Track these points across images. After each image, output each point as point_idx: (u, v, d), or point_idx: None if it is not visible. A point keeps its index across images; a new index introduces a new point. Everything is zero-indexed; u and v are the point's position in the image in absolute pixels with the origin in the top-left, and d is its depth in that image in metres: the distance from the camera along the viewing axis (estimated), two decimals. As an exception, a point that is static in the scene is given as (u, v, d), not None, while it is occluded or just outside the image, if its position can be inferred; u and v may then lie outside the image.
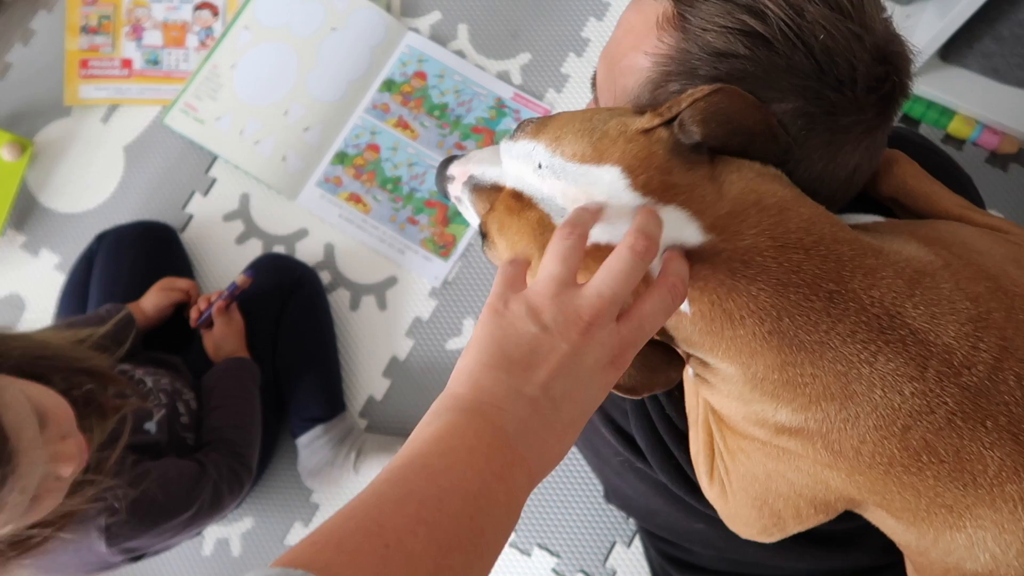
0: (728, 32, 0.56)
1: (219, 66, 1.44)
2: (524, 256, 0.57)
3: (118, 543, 0.86)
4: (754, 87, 0.57)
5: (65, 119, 1.47)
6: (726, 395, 0.60)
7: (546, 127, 0.59)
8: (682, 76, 0.59)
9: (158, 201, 1.43)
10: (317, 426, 1.22)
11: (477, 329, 0.48)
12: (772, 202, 0.55)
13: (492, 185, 0.63)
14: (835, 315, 0.52)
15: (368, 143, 1.41)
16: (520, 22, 1.45)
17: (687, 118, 0.54)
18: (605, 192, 0.53)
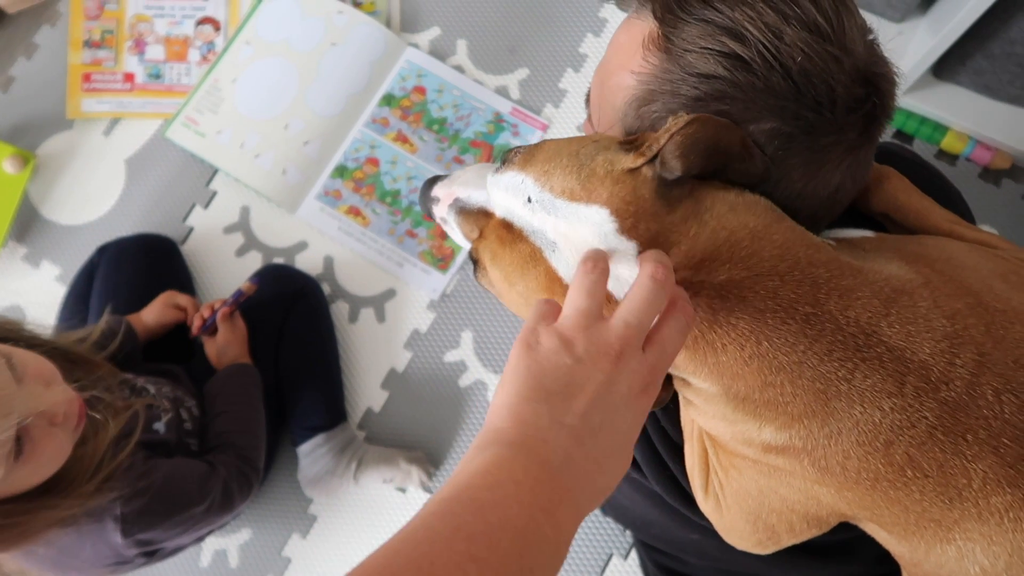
0: (709, 53, 0.58)
1: (220, 80, 1.46)
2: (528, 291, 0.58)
3: (132, 534, 0.86)
4: (733, 107, 0.58)
5: (67, 132, 1.49)
6: (711, 416, 0.61)
7: (533, 159, 0.60)
8: (665, 95, 0.61)
9: (159, 213, 1.44)
10: (318, 435, 1.23)
11: (511, 364, 0.49)
12: (744, 234, 0.56)
13: (479, 209, 0.64)
14: (811, 336, 0.53)
15: (367, 157, 1.43)
16: (518, 38, 1.47)
17: (668, 153, 0.55)
18: (595, 232, 0.55)
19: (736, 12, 0.58)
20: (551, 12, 1.47)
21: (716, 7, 0.59)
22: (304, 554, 1.30)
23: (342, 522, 1.31)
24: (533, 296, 0.58)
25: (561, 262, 0.56)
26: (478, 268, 0.63)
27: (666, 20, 0.61)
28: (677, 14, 0.60)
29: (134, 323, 1.18)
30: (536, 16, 1.47)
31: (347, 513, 1.31)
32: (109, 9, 1.51)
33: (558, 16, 1.47)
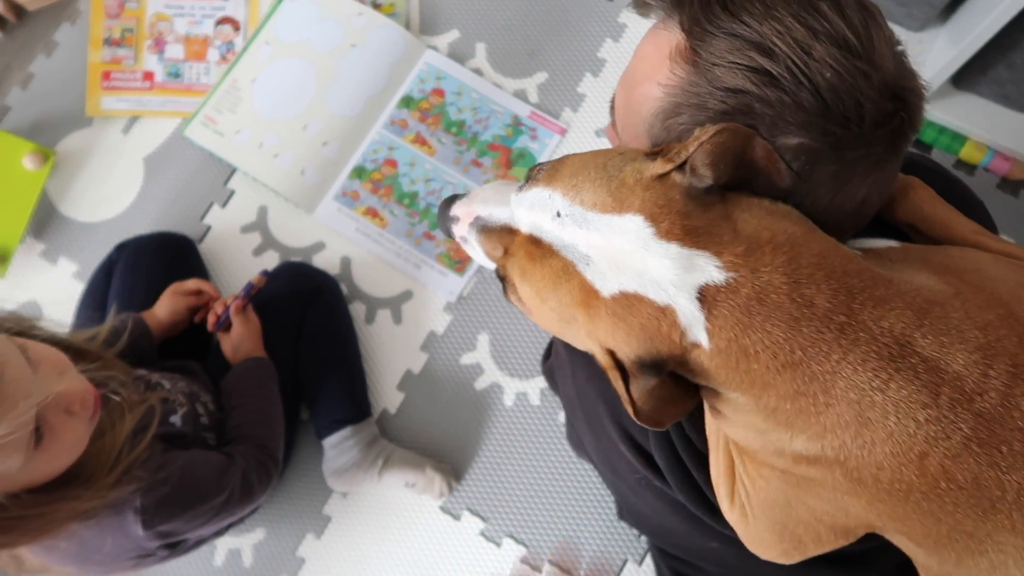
0: (737, 68, 0.58)
1: (239, 80, 1.46)
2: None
3: (153, 525, 0.86)
4: (761, 122, 0.58)
5: (86, 129, 1.49)
6: (741, 426, 0.61)
7: (558, 174, 0.60)
8: (692, 108, 0.61)
9: (177, 212, 1.45)
10: (346, 428, 1.24)
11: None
12: (784, 239, 0.57)
13: (502, 227, 0.65)
14: (846, 346, 0.53)
15: (386, 158, 1.43)
16: (537, 42, 1.47)
17: (697, 161, 0.56)
18: (631, 241, 0.55)
19: (765, 27, 0.58)
20: (570, 16, 1.47)
21: (744, 21, 0.59)
22: (318, 554, 1.31)
23: (357, 523, 1.31)
24: (567, 311, 0.58)
25: (596, 274, 0.56)
26: (507, 286, 0.64)
27: (694, 33, 0.61)
28: (705, 27, 0.60)
29: (148, 320, 1.19)
30: (555, 20, 1.47)
31: (362, 514, 1.31)
32: (129, 8, 1.52)
33: (577, 20, 1.47)
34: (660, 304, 0.55)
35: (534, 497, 1.30)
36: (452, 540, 1.29)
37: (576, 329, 0.59)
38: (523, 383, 1.34)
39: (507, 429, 1.33)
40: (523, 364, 1.35)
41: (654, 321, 0.56)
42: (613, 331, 0.57)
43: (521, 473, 1.31)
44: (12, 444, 0.68)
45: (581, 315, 0.58)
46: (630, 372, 0.57)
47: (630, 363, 0.57)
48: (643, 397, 0.57)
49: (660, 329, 0.56)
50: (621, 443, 0.84)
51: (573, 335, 0.60)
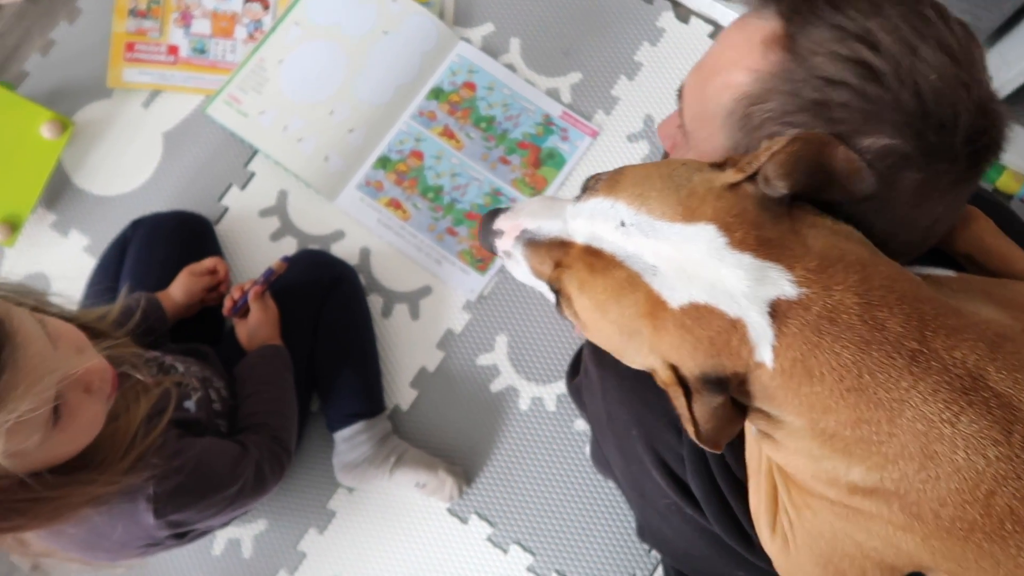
0: (839, 59, 0.56)
1: (266, 60, 1.43)
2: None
3: (165, 515, 0.84)
4: (854, 116, 0.57)
5: (105, 101, 1.46)
6: (793, 452, 0.59)
7: (619, 184, 0.59)
8: (783, 95, 0.59)
9: (194, 191, 1.41)
10: (359, 422, 1.21)
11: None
12: (854, 259, 0.55)
13: (551, 240, 0.62)
14: (917, 374, 0.51)
15: (412, 150, 1.40)
16: (573, 40, 1.44)
17: (770, 172, 0.55)
18: (704, 251, 0.53)
19: (870, 21, 0.57)
20: (608, 18, 1.45)
21: (848, 14, 0.57)
22: (320, 550, 1.28)
23: (361, 520, 1.28)
24: (630, 323, 0.56)
25: (664, 285, 0.54)
26: (561, 299, 0.61)
27: (793, 20, 0.59)
28: (805, 15, 0.59)
29: (163, 301, 1.16)
30: (593, 20, 1.44)
31: (368, 512, 1.28)
32: (157, -22, 1.48)
33: (615, 22, 1.44)
34: (731, 317, 0.53)
35: (544, 505, 1.27)
36: (458, 544, 1.27)
37: (638, 343, 0.57)
38: (540, 388, 1.32)
39: (521, 434, 1.30)
40: (541, 368, 1.32)
41: (723, 335, 0.53)
42: (680, 344, 0.54)
43: (532, 480, 1.28)
44: (33, 421, 0.66)
45: (646, 327, 0.55)
46: (693, 389, 0.55)
47: (694, 379, 0.55)
48: (705, 416, 0.55)
49: (729, 343, 0.53)
50: (654, 469, 0.81)
51: (634, 350, 0.58)
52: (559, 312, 0.63)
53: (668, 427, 0.77)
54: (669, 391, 0.56)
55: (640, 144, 1.39)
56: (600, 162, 1.38)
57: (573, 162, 1.38)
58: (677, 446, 0.77)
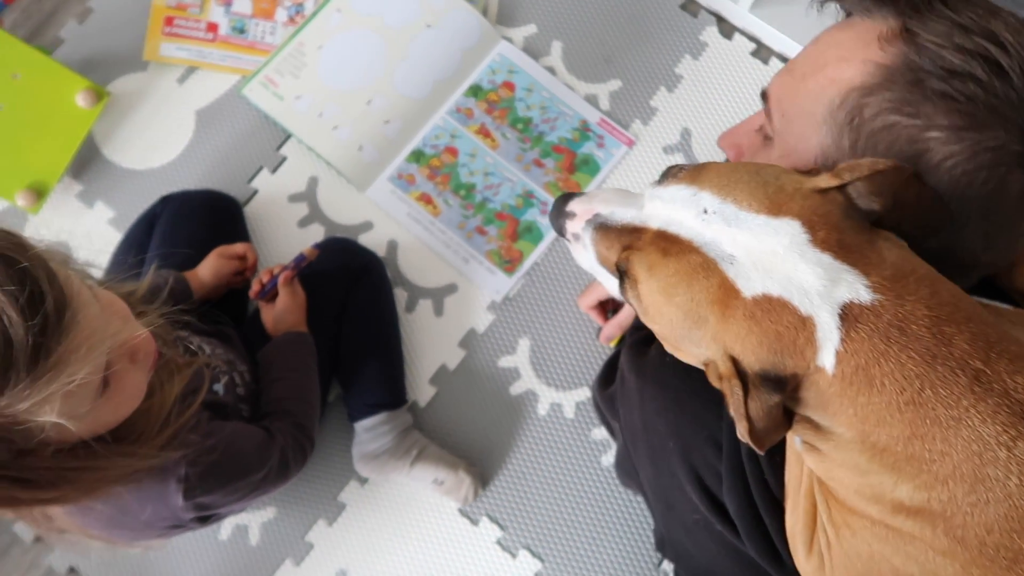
0: (967, 53, 0.57)
1: (305, 44, 1.42)
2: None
3: (193, 496, 0.83)
4: (979, 111, 0.57)
5: (140, 73, 1.44)
6: (839, 464, 0.58)
7: (703, 175, 0.59)
8: (904, 86, 0.59)
9: (224, 171, 1.40)
10: (381, 413, 1.19)
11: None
12: (924, 272, 0.56)
13: (623, 226, 0.62)
14: (979, 393, 0.51)
15: (447, 145, 1.39)
16: (615, 48, 1.43)
17: (864, 189, 0.55)
18: (785, 244, 0.53)
19: (992, 23, 0.57)
20: (652, 27, 1.44)
21: (967, 15, 0.58)
22: (328, 542, 1.26)
23: (372, 514, 1.27)
24: (699, 308, 0.56)
25: (740, 274, 0.54)
26: (626, 281, 0.61)
27: (913, 16, 0.60)
28: (924, 12, 0.59)
29: (191, 280, 1.14)
30: (636, 30, 1.44)
31: (378, 506, 1.27)
32: (201, -46, 1.47)
33: (659, 32, 1.44)
34: (802, 314, 0.53)
35: (556, 512, 1.26)
36: (467, 545, 1.26)
37: (702, 330, 0.56)
38: (559, 393, 1.31)
39: (537, 439, 1.29)
40: (562, 374, 1.31)
41: (792, 331, 0.53)
42: (746, 335, 0.54)
43: (546, 486, 1.27)
44: (87, 386, 0.65)
45: (715, 314, 0.55)
46: (751, 385, 0.54)
47: (753, 375, 0.54)
48: (760, 414, 0.55)
49: (796, 341, 0.53)
50: (687, 483, 0.81)
51: (695, 338, 0.58)
52: (622, 294, 0.62)
53: (707, 441, 0.76)
54: (725, 385, 0.56)
55: (676, 156, 1.38)
56: (635, 172, 1.38)
57: (607, 170, 1.38)
58: (715, 462, 0.76)
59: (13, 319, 0.58)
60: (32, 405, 0.60)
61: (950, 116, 0.57)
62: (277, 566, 1.26)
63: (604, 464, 1.27)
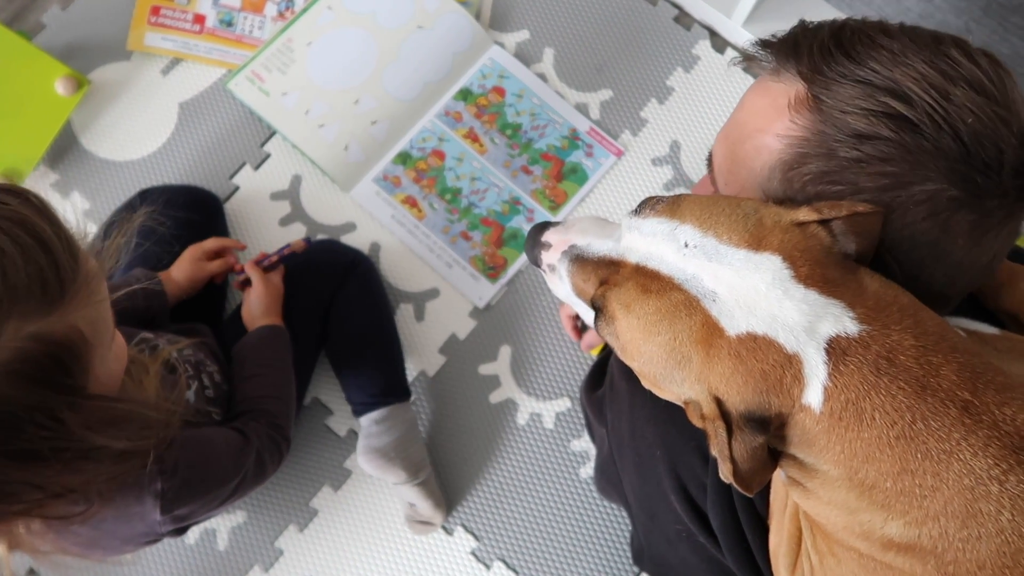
0: (871, 114, 0.56)
1: (294, 40, 1.39)
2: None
3: (171, 510, 0.80)
4: (899, 168, 0.56)
5: (123, 63, 1.41)
6: (826, 502, 0.57)
7: (681, 208, 0.58)
8: (820, 158, 0.59)
9: (205, 166, 1.37)
10: (389, 405, 1.17)
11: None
12: (907, 301, 0.55)
13: (600, 258, 0.61)
14: (969, 425, 0.50)
15: (434, 148, 1.37)
16: (607, 57, 1.43)
17: (843, 228, 0.55)
18: (768, 280, 0.52)
19: (895, 72, 0.56)
20: (645, 39, 1.43)
21: (871, 68, 0.57)
22: (298, 548, 1.24)
23: (344, 521, 1.24)
24: (682, 348, 0.54)
25: (723, 312, 0.53)
26: (602, 317, 0.60)
27: (816, 81, 0.59)
28: (827, 74, 0.58)
29: (165, 281, 1.11)
30: (629, 39, 1.43)
31: (351, 513, 1.24)
32: (190, -55, 1.44)
33: (651, 44, 1.43)
34: (788, 351, 0.52)
35: (532, 524, 1.24)
36: (441, 555, 1.23)
37: (685, 371, 0.55)
38: (539, 403, 1.29)
39: (515, 449, 1.28)
40: (542, 384, 1.30)
41: (778, 369, 0.52)
42: (731, 375, 0.53)
43: (523, 497, 1.25)
44: (106, 310, 0.67)
45: (699, 354, 0.54)
46: (735, 426, 0.53)
47: (738, 415, 0.53)
48: (744, 455, 0.53)
49: (782, 380, 0.52)
50: (672, 493, 0.80)
51: (678, 378, 0.56)
52: (596, 329, 0.61)
53: (695, 452, 0.75)
54: (708, 426, 0.55)
55: (664, 169, 1.38)
56: (622, 182, 1.37)
57: (595, 179, 1.37)
58: (701, 473, 0.75)
59: (54, 243, 0.61)
60: (79, 316, 0.62)
61: (871, 179, 0.56)
62: (245, 572, 1.23)
63: (582, 476, 1.26)
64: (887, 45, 0.57)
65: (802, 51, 0.60)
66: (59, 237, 0.62)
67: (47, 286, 0.60)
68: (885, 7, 1.32)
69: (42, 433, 0.59)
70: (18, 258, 0.58)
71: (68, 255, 0.62)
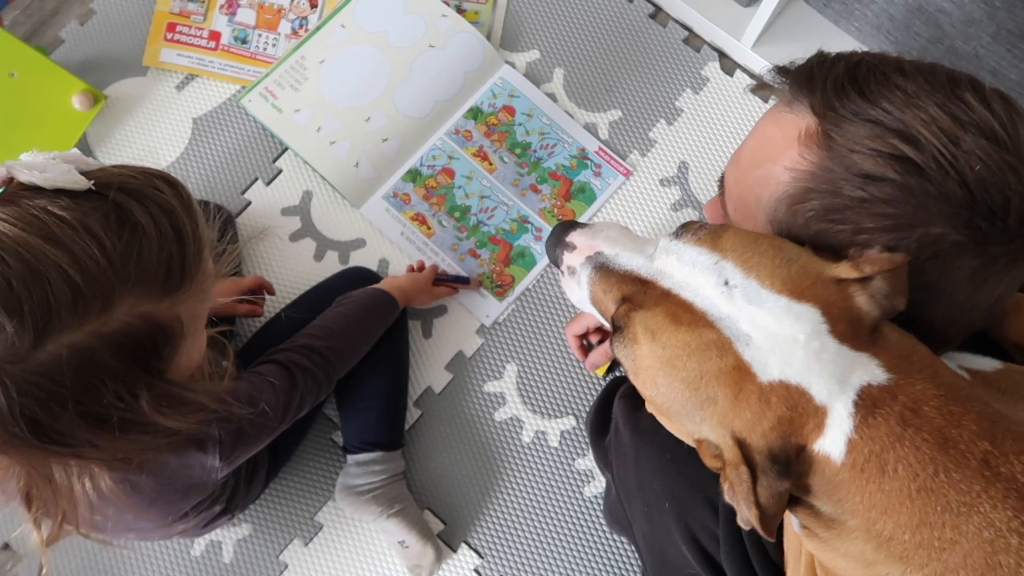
0: (879, 155, 0.56)
1: (308, 58, 1.41)
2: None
3: (229, 456, 0.85)
4: (902, 211, 0.56)
5: (139, 78, 1.43)
6: (843, 554, 0.57)
7: (724, 240, 0.57)
8: (824, 195, 0.59)
9: (218, 181, 1.39)
10: (377, 451, 1.18)
11: None
12: (924, 352, 0.55)
13: (626, 273, 0.60)
14: (988, 478, 0.49)
15: (444, 166, 1.38)
16: (616, 78, 1.44)
17: (882, 284, 0.54)
18: (809, 331, 0.52)
19: (907, 114, 0.56)
20: (654, 60, 1.44)
21: (883, 108, 0.57)
22: (302, 562, 1.24)
23: (349, 536, 1.25)
24: (708, 388, 0.54)
25: (756, 357, 0.52)
26: (622, 337, 0.59)
27: (827, 117, 0.59)
28: (839, 112, 0.58)
29: None
30: (638, 61, 1.44)
31: (356, 528, 1.25)
32: (207, -37, 1.46)
33: (661, 65, 1.44)
34: (818, 403, 0.51)
35: (537, 542, 1.25)
36: (445, 572, 1.24)
37: (707, 411, 0.54)
38: (545, 422, 1.30)
39: (520, 467, 1.28)
40: (548, 402, 1.30)
41: (803, 417, 0.52)
42: (758, 420, 0.52)
43: (527, 515, 1.26)
44: (206, 301, 0.71)
45: (726, 396, 0.53)
46: (760, 471, 0.52)
47: (763, 459, 0.52)
48: (771, 499, 0.52)
49: (806, 427, 0.52)
50: (684, 544, 0.79)
51: (697, 417, 0.55)
52: (613, 347, 0.60)
53: (704, 504, 0.75)
54: (729, 471, 0.53)
55: (672, 190, 1.38)
56: (630, 202, 1.38)
57: (603, 199, 1.37)
58: (711, 524, 0.75)
59: (189, 238, 0.66)
60: (184, 308, 0.66)
61: (874, 219, 0.56)
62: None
63: (587, 495, 1.26)
64: (901, 85, 0.57)
65: (816, 85, 0.60)
66: (194, 234, 0.67)
67: (171, 275, 0.64)
68: (894, 31, 1.32)
69: (118, 404, 0.62)
70: (155, 243, 0.62)
71: (195, 252, 0.66)
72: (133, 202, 0.62)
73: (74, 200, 0.60)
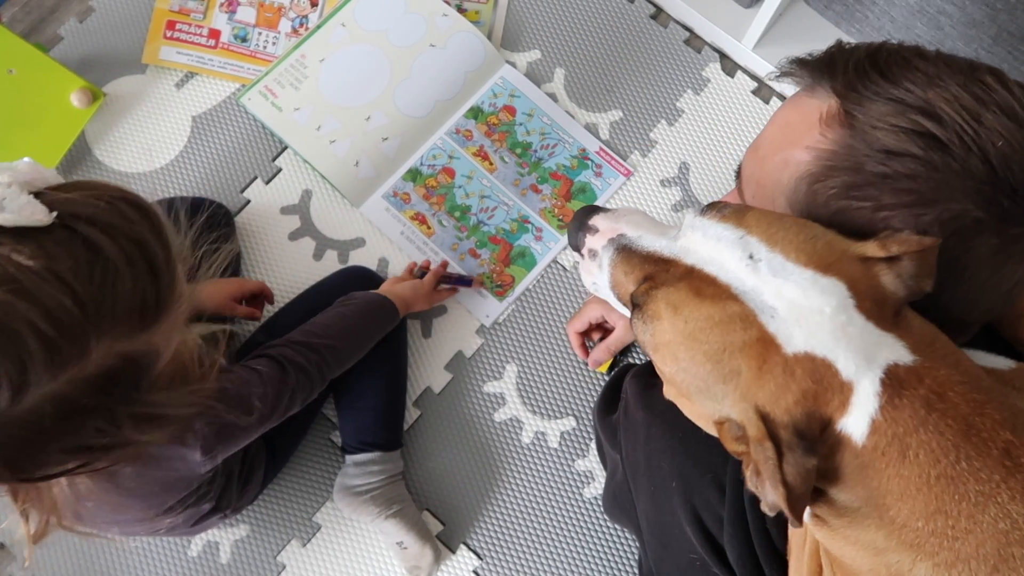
0: (901, 131, 0.56)
1: (308, 57, 1.41)
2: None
3: (211, 451, 0.83)
4: (925, 186, 0.56)
5: (138, 76, 1.42)
6: (852, 542, 0.56)
7: (748, 218, 0.57)
8: (845, 172, 0.59)
9: (217, 179, 1.38)
10: (376, 452, 1.17)
11: None
12: (945, 340, 0.55)
13: (648, 254, 0.60)
14: (1009, 468, 0.49)
15: (444, 166, 1.38)
16: (617, 79, 1.44)
17: (912, 266, 0.54)
18: (835, 304, 0.51)
19: (929, 93, 0.56)
20: (655, 61, 1.44)
21: (905, 87, 0.57)
22: (300, 563, 1.23)
23: (347, 538, 1.24)
24: (731, 361, 0.53)
25: (781, 328, 0.52)
26: (641, 315, 0.58)
27: (849, 97, 0.59)
28: (861, 92, 0.59)
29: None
30: (640, 61, 1.44)
31: (354, 530, 1.24)
32: (207, -39, 1.46)
33: (662, 66, 1.44)
34: (844, 378, 0.51)
35: (536, 543, 1.24)
36: (443, 573, 1.23)
37: (730, 384, 0.53)
38: (544, 422, 1.29)
39: (519, 467, 1.27)
40: (548, 403, 1.30)
41: (828, 393, 0.51)
42: (782, 393, 0.51)
43: (526, 516, 1.25)
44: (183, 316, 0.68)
45: (750, 368, 0.52)
46: (786, 447, 0.51)
47: (788, 435, 0.51)
48: (799, 477, 0.51)
49: (831, 404, 0.51)
50: (688, 525, 0.79)
51: (719, 392, 0.54)
52: (633, 326, 0.60)
53: (711, 485, 0.75)
54: (753, 449, 0.52)
55: (673, 190, 1.38)
56: (631, 202, 1.37)
57: (604, 199, 1.37)
58: (717, 506, 0.75)
59: (162, 271, 0.62)
60: (160, 335, 0.64)
61: (896, 195, 0.56)
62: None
63: (587, 496, 1.26)
64: (922, 67, 0.57)
65: (837, 69, 0.61)
66: (167, 263, 0.63)
67: (145, 312, 0.61)
68: (895, 33, 1.32)
69: (99, 433, 0.61)
70: (128, 281, 0.59)
71: (169, 280, 0.63)
72: (103, 236, 0.58)
73: (39, 243, 0.55)
